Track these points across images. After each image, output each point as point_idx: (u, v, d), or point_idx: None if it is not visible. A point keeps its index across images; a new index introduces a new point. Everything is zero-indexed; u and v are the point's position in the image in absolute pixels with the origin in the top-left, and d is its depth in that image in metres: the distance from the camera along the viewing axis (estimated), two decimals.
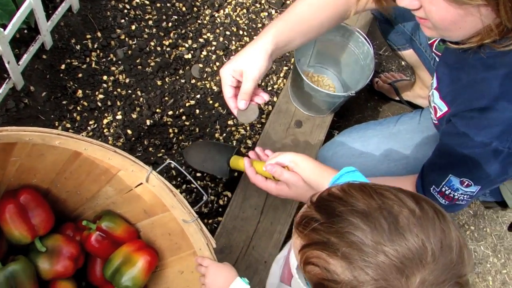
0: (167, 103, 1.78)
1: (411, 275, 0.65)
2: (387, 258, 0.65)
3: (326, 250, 0.70)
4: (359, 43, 1.59)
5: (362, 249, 0.67)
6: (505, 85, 0.99)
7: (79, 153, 1.08)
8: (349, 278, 0.67)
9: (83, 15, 1.78)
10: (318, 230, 0.72)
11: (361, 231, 0.68)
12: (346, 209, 0.71)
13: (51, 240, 1.22)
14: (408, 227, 0.67)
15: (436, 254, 0.66)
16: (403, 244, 0.66)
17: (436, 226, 0.68)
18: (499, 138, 1.01)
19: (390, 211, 0.69)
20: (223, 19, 1.97)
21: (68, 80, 1.70)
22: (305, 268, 0.75)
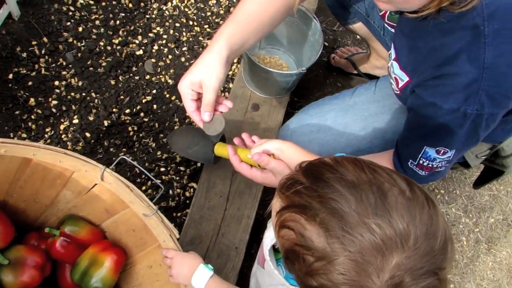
0: (123, 101, 1.76)
1: (388, 255, 0.62)
2: (367, 231, 0.63)
3: (305, 214, 0.67)
4: (306, 20, 1.60)
5: (343, 217, 0.64)
6: (465, 48, 0.99)
7: (29, 159, 1.06)
8: (323, 246, 0.65)
9: (26, 22, 1.74)
10: (301, 193, 0.70)
11: (345, 200, 0.65)
12: (334, 176, 0.68)
13: (13, 252, 1.20)
14: (396, 206, 0.65)
15: (419, 240, 0.63)
16: (387, 221, 0.63)
17: (425, 212, 0.66)
18: (467, 102, 1.00)
19: (380, 187, 0.66)
20: (172, 11, 1.95)
21: (18, 89, 1.67)
22: (279, 232, 0.72)
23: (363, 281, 0.63)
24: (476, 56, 0.97)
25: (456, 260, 2.02)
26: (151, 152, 1.73)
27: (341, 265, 0.64)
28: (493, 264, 2.06)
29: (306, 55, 1.65)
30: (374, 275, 0.63)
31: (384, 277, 0.63)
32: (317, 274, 0.66)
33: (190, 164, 1.72)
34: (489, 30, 0.96)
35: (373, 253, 0.63)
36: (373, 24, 1.69)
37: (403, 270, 0.63)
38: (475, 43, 0.97)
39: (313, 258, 0.66)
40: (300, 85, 2.10)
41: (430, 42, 1.07)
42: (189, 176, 1.70)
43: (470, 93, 0.99)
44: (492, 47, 0.96)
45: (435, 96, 1.05)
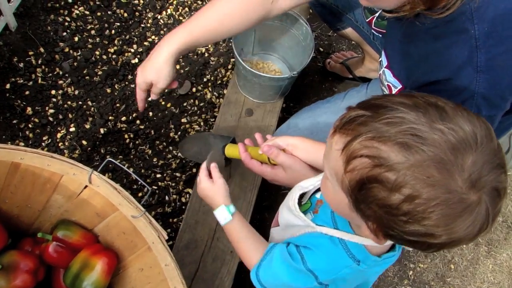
0: (119, 109, 1.78)
1: (465, 155, 0.66)
2: (442, 135, 0.66)
3: (377, 138, 0.68)
4: (297, 24, 1.61)
5: (415, 129, 0.67)
6: (457, 53, 0.99)
7: (17, 164, 1.08)
8: (405, 159, 0.66)
9: (23, 32, 1.77)
10: (366, 122, 0.70)
11: (412, 116, 0.68)
12: (393, 102, 0.71)
13: (6, 257, 1.21)
14: (456, 116, 0.69)
15: (484, 140, 0.68)
16: (456, 125, 0.67)
17: (480, 120, 0.70)
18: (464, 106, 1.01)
19: (436, 104, 0.70)
20: (166, 20, 1.98)
21: (15, 99, 1.70)
22: (348, 166, 0.72)
23: (448, 180, 0.66)
24: (469, 60, 0.98)
25: (456, 263, 2.01)
26: (147, 159, 1.74)
27: (424, 170, 0.66)
28: (493, 266, 2.04)
29: (299, 60, 1.67)
30: (457, 173, 0.66)
31: (465, 175, 0.66)
32: (402, 186, 0.67)
33: (186, 170, 1.73)
34: (479, 33, 0.96)
35: (453, 153, 0.66)
36: (362, 29, 1.71)
37: (479, 166, 0.67)
38: (466, 47, 0.98)
39: (395, 172, 0.67)
40: (295, 90, 2.11)
41: (422, 47, 1.07)
42: (184, 182, 1.72)
43: (466, 97, 0.99)
44: (484, 50, 0.96)
45: None
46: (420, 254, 1.94)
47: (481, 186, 0.67)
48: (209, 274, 1.47)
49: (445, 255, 1.99)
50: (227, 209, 1.11)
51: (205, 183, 1.16)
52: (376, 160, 0.69)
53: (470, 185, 0.66)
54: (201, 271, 1.47)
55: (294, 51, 1.70)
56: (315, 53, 2.25)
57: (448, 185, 0.66)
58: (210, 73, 1.89)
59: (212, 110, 1.83)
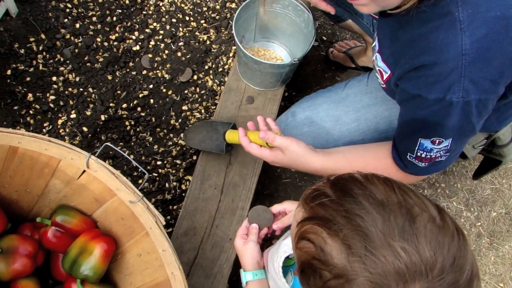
0: (120, 96, 1.78)
1: (411, 282, 0.59)
2: (391, 254, 0.59)
3: (327, 227, 0.64)
4: (299, 11, 1.60)
5: (368, 236, 0.61)
6: (441, 36, 0.98)
7: (15, 148, 1.08)
8: (343, 263, 0.62)
9: (24, 19, 1.77)
10: (326, 206, 0.67)
11: (372, 219, 0.62)
12: (363, 193, 0.66)
13: (5, 241, 1.22)
14: (424, 232, 0.61)
15: (445, 270, 0.60)
16: (413, 247, 0.60)
17: (454, 242, 0.62)
18: (450, 90, 0.99)
19: (410, 210, 0.63)
20: (168, 7, 1.96)
21: (16, 85, 1.70)
22: (298, 243, 0.70)
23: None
24: (453, 43, 0.96)
25: None
26: (148, 146, 1.74)
27: (359, 286, 0.61)
28: (495, 258, 2.04)
29: (300, 47, 1.65)
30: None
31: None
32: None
33: (186, 157, 1.73)
34: (463, 15, 0.95)
35: (395, 278, 0.59)
36: (362, 22, 1.69)
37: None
38: (451, 31, 0.97)
39: (330, 275, 0.64)
40: (298, 79, 2.10)
41: (409, 32, 1.06)
42: (185, 169, 1.71)
43: (453, 81, 0.98)
44: (469, 32, 0.95)
45: (418, 87, 1.04)
46: None
47: None
48: (208, 261, 1.48)
49: None
50: (244, 276, 1.12)
51: (237, 241, 1.18)
52: (319, 251, 0.65)
53: None
54: (200, 258, 1.48)
55: (296, 38, 1.69)
56: (318, 42, 2.24)
57: None
58: (212, 61, 1.88)
59: (213, 97, 1.82)
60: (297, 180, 1.98)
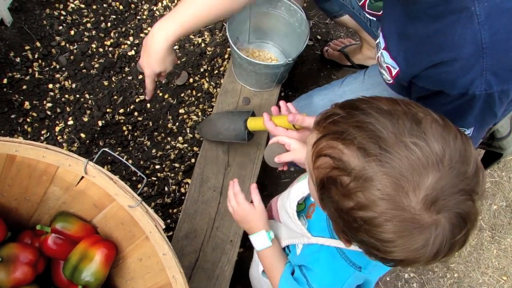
0: (117, 101, 1.78)
1: (425, 173, 0.64)
2: (404, 149, 0.64)
3: (342, 139, 0.68)
4: (291, 11, 1.60)
5: (381, 138, 0.65)
6: (460, 32, 0.97)
7: (13, 156, 1.08)
8: (361, 165, 0.66)
9: (18, 27, 1.77)
10: (338, 122, 0.71)
11: (382, 124, 0.67)
12: (370, 106, 0.70)
13: (6, 249, 1.22)
14: (431, 130, 0.66)
15: (453, 161, 0.65)
16: (423, 141, 0.65)
17: (458, 139, 0.68)
18: (473, 84, 0.99)
19: (414, 115, 0.68)
20: (162, 11, 1.97)
21: (12, 93, 1.70)
22: (315, 162, 0.73)
23: (400, 197, 0.64)
24: (472, 38, 0.96)
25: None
26: (146, 150, 1.74)
27: (378, 181, 0.65)
28: (497, 251, 2.04)
29: (295, 47, 1.66)
30: (411, 191, 0.64)
31: (421, 194, 0.64)
32: (354, 193, 0.67)
33: (185, 160, 1.73)
34: (480, 9, 0.95)
35: (410, 170, 0.64)
36: (359, 16, 1.69)
37: (439, 188, 0.64)
38: (469, 25, 0.96)
39: (350, 178, 0.67)
40: (294, 78, 2.10)
41: (421, 29, 1.05)
42: (183, 172, 1.72)
43: (475, 76, 0.98)
44: (487, 26, 0.95)
45: (440, 84, 1.04)
46: None
47: (438, 208, 0.65)
48: (209, 263, 1.48)
49: None
50: (268, 235, 1.11)
51: (246, 206, 1.16)
52: (337, 162, 0.68)
53: (425, 206, 0.64)
54: (201, 261, 1.48)
55: (290, 38, 1.69)
56: (313, 41, 2.24)
57: (400, 202, 0.65)
58: (207, 63, 1.88)
59: (209, 100, 1.82)
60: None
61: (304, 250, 1.00)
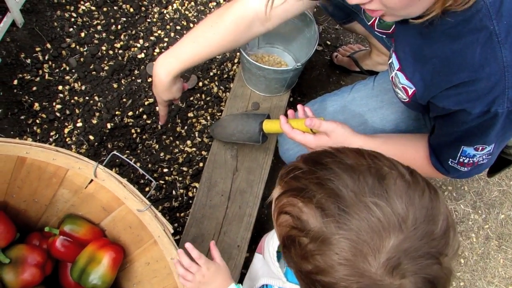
0: (126, 104, 1.79)
1: (385, 236, 0.61)
2: (364, 210, 0.61)
3: (302, 196, 0.66)
4: (301, 16, 1.60)
5: (340, 197, 0.63)
6: (480, 52, 0.96)
7: (23, 158, 1.08)
8: (319, 226, 0.63)
9: (30, 29, 1.78)
10: (299, 177, 0.69)
11: (342, 181, 0.64)
12: (333, 161, 0.68)
13: (14, 251, 1.23)
14: (394, 188, 0.63)
15: (418, 221, 0.61)
16: (384, 201, 0.62)
17: (425, 195, 0.64)
18: (495, 103, 0.98)
19: (379, 170, 0.65)
20: (172, 14, 1.97)
21: (23, 94, 1.71)
22: (278, 219, 0.71)
23: (359, 261, 0.61)
24: (493, 57, 0.95)
25: (466, 257, 1.99)
26: (154, 154, 1.75)
27: (336, 245, 0.62)
28: (504, 261, 2.02)
29: (304, 52, 1.66)
30: (370, 255, 0.61)
31: (381, 259, 0.61)
32: (312, 256, 0.65)
33: (193, 164, 1.73)
34: (499, 28, 0.94)
35: (369, 233, 0.61)
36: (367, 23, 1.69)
37: (401, 252, 0.60)
38: (489, 45, 0.95)
39: (308, 240, 0.65)
40: (303, 84, 2.10)
41: (439, 50, 1.04)
42: (191, 176, 1.72)
43: (497, 94, 0.97)
44: (508, 44, 0.94)
45: (460, 104, 1.03)
46: None
47: (402, 273, 0.61)
48: None
49: None
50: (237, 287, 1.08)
51: (212, 265, 1.07)
52: (296, 221, 0.66)
53: (387, 271, 0.61)
54: None
55: (299, 43, 1.69)
56: (322, 47, 2.24)
57: (360, 267, 0.61)
58: (217, 67, 1.89)
59: (218, 104, 1.82)
60: None
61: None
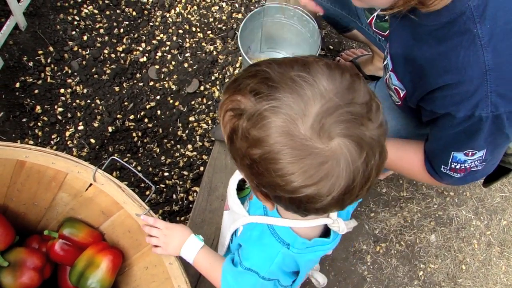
0: (127, 107, 1.79)
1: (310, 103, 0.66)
2: (289, 82, 0.66)
3: (239, 90, 0.71)
4: (304, 21, 1.60)
5: (268, 78, 0.68)
6: (463, 54, 0.98)
7: (23, 162, 1.09)
8: (253, 105, 0.68)
9: (32, 32, 1.79)
10: (237, 79, 0.74)
11: (271, 67, 0.69)
12: (266, 61, 0.73)
13: (13, 254, 1.23)
14: (317, 68, 0.68)
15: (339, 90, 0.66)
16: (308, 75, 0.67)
17: (346, 74, 0.68)
18: (479, 106, 0.99)
19: (304, 59, 0.70)
20: (175, 18, 1.98)
21: (24, 97, 1.71)
22: (223, 121, 0.75)
23: (289, 125, 0.66)
24: (475, 60, 0.96)
25: (468, 264, 1.98)
26: (155, 157, 1.75)
27: (267, 115, 0.66)
28: (506, 267, 2.01)
29: None
30: (298, 119, 0.65)
31: (308, 122, 0.65)
32: (248, 132, 0.68)
33: (193, 168, 1.73)
34: (482, 32, 0.95)
35: (297, 100, 0.65)
36: (368, 31, 1.69)
37: (323, 113, 0.65)
38: (471, 48, 0.96)
39: (244, 120, 0.69)
40: None
41: (426, 51, 1.05)
42: (192, 180, 1.71)
43: (480, 98, 0.98)
44: (490, 48, 0.95)
45: (445, 107, 1.04)
46: (430, 254, 1.91)
47: (328, 133, 0.65)
48: None
49: (456, 256, 1.96)
50: (197, 237, 1.09)
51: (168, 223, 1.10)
52: (235, 111, 0.71)
53: (314, 132, 0.65)
54: None
55: (302, 48, 1.69)
56: (325, 51, 2.24)
57: (289, 130, 0.66)
58: (218, 72, 1.89)
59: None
60: None
61: (243, 230, 1.01)
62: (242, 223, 0.99)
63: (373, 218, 1.85)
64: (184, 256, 1.09)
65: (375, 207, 1.88)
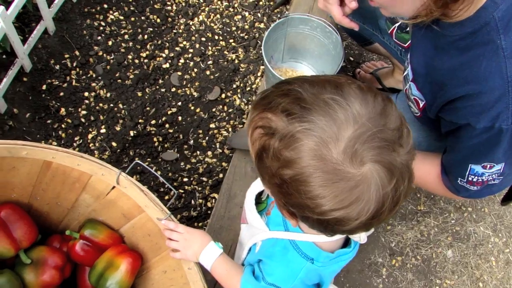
0: (149, 113, 1.82)
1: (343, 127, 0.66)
2: (323, 106, 0.67)
3: (269, 108, 0.71)
4: (327, 33, 1.61)
5: (301, 99, 0.68)
6: (485, 65, 0.98)
7: (49, 162, 1.11)
8: (285, 125, 0.68)
9: (60, 36, 1.83)
10: (267, 96, 0.74)
11: (303, 88, 0.70)
12: (297, 78, 0.74)
13: (35, 252, 1.25)
14: (350, 91, 0.69)
15: (372, 115, 0.67)
16: (341, 98, 0.67)
17: (378, 98, 0.69)
18: (499, 118, 0.99)
19: (336, 80, 0.71)
20: (198, 26, 2.00)
21: (50, 99, 1.75)
22: (252, 136, 0.75)
23: (321, 149, 0.66)
24: (497, 71, 0.96)
25: (485, 281, 1.96)
26: (175, 163, 1.77)
27: (299, 137, 0.67)
28: None
29: (328, 69, 1.67)
30: (331, 143, 0.66)
31: (341, 146, 0.66)
32: (280, 153, 0.69)
33: (213, 175, 1.75)
34: (506, 43, 0.95)
35: (330, 124, 0.66)
36: (389, 45, 1.69)
37: (356, 139, 0.66)
38: (494, 59, 0.96)
39: (277, 140, 0.69)
40: None
41: (447, 61, 1.05)
42: (211, 187, 1.73)
43: (501, 109, 0.98)
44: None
45: (465, 117, 1.04)
46: (447, 270, 1.90)
47: (361, 158, 0.66)
48: None
49: (474, 272, 1.94)
50: (216, 244, 1.10)
51: (189, 228, 1.11)
52: (266, 129, 0.71)
53: (347, 156, 0.66)
54: None
55: (324, 59, 1.70)
56: (345, 63, 2.25)
57: (322, 154, 0.66)
58: (240, 80, 1.91)
59: (240, 116, 1.84)
60: None
61: (262, 245, 1.01)
62: (262, 238, 1.00)
63: (389, 231, 1.84)
64: (202, 262, 1.10)
65: (392, 220, 1.88)
